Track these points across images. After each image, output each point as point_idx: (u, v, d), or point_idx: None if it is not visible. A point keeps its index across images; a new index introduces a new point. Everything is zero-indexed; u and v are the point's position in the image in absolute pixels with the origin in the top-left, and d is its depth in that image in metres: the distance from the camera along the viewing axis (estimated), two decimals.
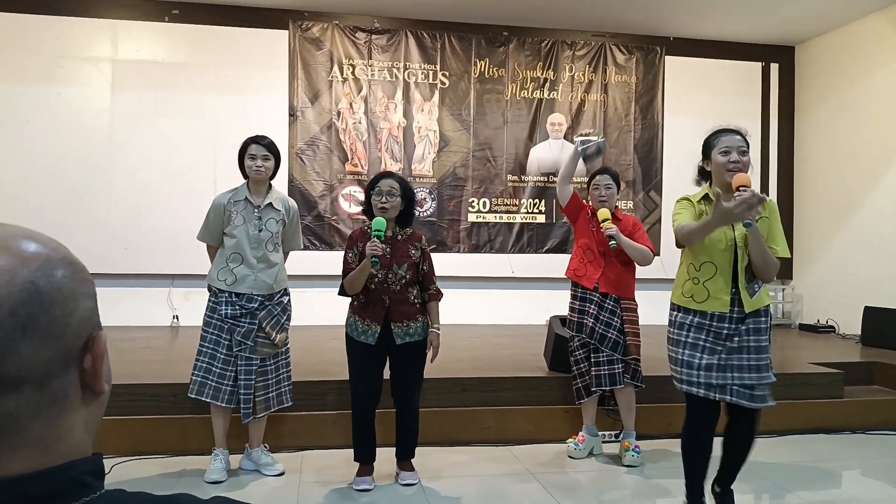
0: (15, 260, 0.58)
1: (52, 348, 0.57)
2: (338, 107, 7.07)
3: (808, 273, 7.83)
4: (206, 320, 3.47)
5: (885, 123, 6.71)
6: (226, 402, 3.42)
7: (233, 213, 3.46)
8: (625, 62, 7.60)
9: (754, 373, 2.75)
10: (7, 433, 0.55)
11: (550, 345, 4.58)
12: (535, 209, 7.45)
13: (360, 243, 3.33)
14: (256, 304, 3.45)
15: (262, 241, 3.47)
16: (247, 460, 3.63)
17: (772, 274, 2.73)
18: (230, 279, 3.43)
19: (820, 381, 4.80)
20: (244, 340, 3.42)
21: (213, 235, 3.52)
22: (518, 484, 3.54)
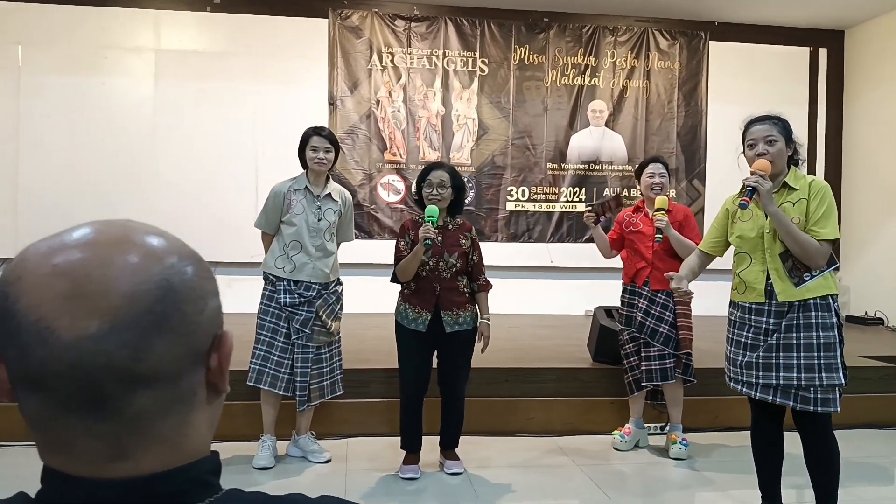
0: (147, 257, 0.57)
1: (183, 346, 0.57)
2: (377, 95, 7.06)
3: (856, 263, 7.62)
4: (263, 309, 3.50)
5: None
6: (283, 390, 3.46)
7: (293, 202, 3.49)
8: (668, 48, 7.45)
9: (804, 372, 2.56)
10: (139, 430, 0.55)
11: (595, 336, 4.53)
12: (574, 198, 7.37)
13: (413, 231, 3.35)
14: (314, 293, 3.48)
15: (320, 230, 3.51)
16: (294, 447, 3.67)
17: (815, 259, 2.55)
18: (289, 267, 3.47)
19: (872, 375, 4.68)
20: (302, 329, 3.45)
21: (271, 223, 3.54)
22: (563, 475, 3.52)
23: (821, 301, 2.58)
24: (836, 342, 2.58)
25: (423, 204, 3.37)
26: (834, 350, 2.57)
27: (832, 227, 2.58)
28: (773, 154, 2.63)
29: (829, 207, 2.60)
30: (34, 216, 6.44)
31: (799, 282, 2.58)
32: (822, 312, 2.57)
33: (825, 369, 2.55)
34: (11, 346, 0.53)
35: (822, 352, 2.56)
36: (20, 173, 6.63)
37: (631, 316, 3.81)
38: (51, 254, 0.55)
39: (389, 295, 6.97)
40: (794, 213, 2.60)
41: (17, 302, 0.53)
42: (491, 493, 3.22)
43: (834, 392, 2.57)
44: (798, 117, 7.73)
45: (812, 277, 2.57)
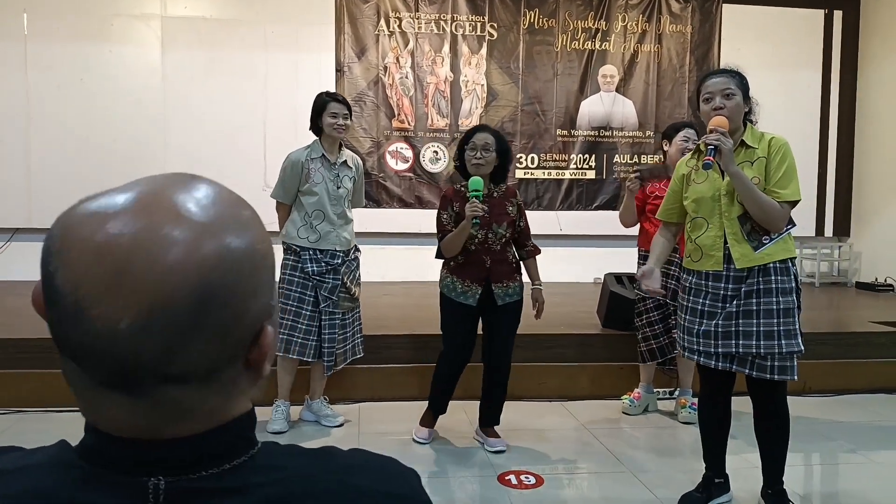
0: (191, 236, 0.52)
1: (220, 345, 0.54)
2: (384, 61, 6.99)
3: (868, 230, 7.58)
4: (288, 279, 3.46)
5: None
6: (312, 357, 3.49)
7: (311, 170, 3.44)
8: (680, 11, 7.32)
9: (763, 340, 2.46)
10: (172, 414, 0.55)
11: (605, 302, 4.54)
12: (584, 165, 7.32)
13: (456, 203, 3.20)
14: (339, 260, 3.49)
15: (340, 197, 3.50)
16: (307, 411, 3.72)
17: (776, 222, 2.44)
18: (313, 236, 3.45)
19: (882, 340, 4.69)
20: (330, 296, 3.46)
21: (290, 193, 3.49)
22: (574, 439, 3.56)
23: (780, 265, 2.48)
24: (795, 307, 2.49)
25: (464, 170, 3.23)
26: (793, 316, 2.47)
27: (794, 187, 2.46)
28: (730, 108, 2.47)
29: (791, 167, 2.47)
30: (47, 187, 6.47)
31: (758, 245, 2.46)
32: (782, 276, 2.47)
33: (785, 336, 2.46)
34: (53, 309, 0.53)
35: (781, 318, 2.46)
36: (32, 144, 6.64)
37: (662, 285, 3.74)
38: (93, 226, 0.52)
39: (399, 263, 6.99)
40: (753, 173, 2.47)
41: (57, 273, 0.52)
42: (503, 457, 3.26)
43: (792, 360, 2.48)
44: (812, 81, 7.64)
45: (771, 240, 2.46)
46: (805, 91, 7.61)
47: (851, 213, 7.79)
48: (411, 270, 6.67)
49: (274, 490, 0.57)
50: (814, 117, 7.67)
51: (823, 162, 7.71)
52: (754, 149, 2.52)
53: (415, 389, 3.88)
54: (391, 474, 0.64)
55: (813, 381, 4.41)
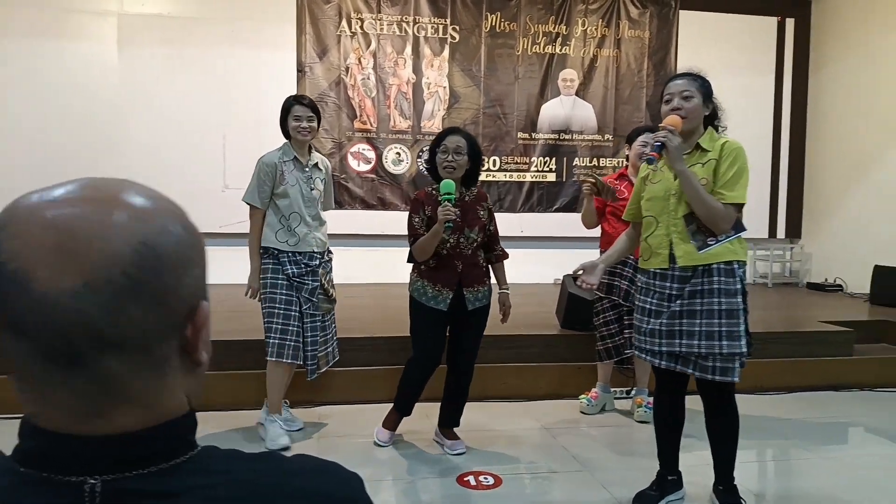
0: (135, 218, 0.56)
1: (157, 314, 0.56)
2: (346, 62, 6.97)
3: (818, 231, 7.82)
4: (272, 282, 3.38)
5: None
6: (301, 360, 3.43)
7: (285, 172, 3.39)
8: (638, 17, 7.45)
9: (704, 340, 2.48)
10: (112, 390, 0.56)
11: (563, 303, 4.60)
12: (545, 167, 7.40)
13: (429, 206, 3.18)
14: (317, 262, 3.45)
15: (314, 199, 3.46)
16: (263, 414, 3.68)
17: (720, 223, 2.46)
18: (293, 239, 3.39)
19: (831, 339, 4.84)
20: (310, 298, 3.42)
21: (265, 196, 3.40)
22: (534, 439, 3.60)
23: (725, 266, 2.49)
24: (741, 309, 2.49)
25: (435, 173, 3.21)
26: (737, 318, 2.47)
27: (740, 190, 2.47)
28: (687, 109, 2.51)
29: (740, 170, 2.48)
30: (4, 180, 6.27)
31: (702, 246, 2.48)
32: (726, 278, 2.48)
33: (727, 337, 2.46)
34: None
35: (724, 318, 2.47)
36: None
37: (613, 284, 3.83)
38: (40, 206, 0.55)
39: (362, 264, 6.95)
40: (702, 174, 2.50)
41: (1, 247, 0.53)
42: (463, 458, 3.28)
43: (734, 361, 2.49)
44: (765, 87, 7.85)
45: (717, 242, 2.48)
46: (759, 96, 7.81)
47: (803, 215, 8.03)
48: (374, 272, 6.66)
49: (213, 493, 0.57)
50: (767, 121, 7.89)
51: (776, 165, 7.93)
52: (708, 151, 2.55)
53: (381, 392, 3.86)
54: (333, 478, 0.64)
55: (766, 380, 4.53)
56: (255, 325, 3.50)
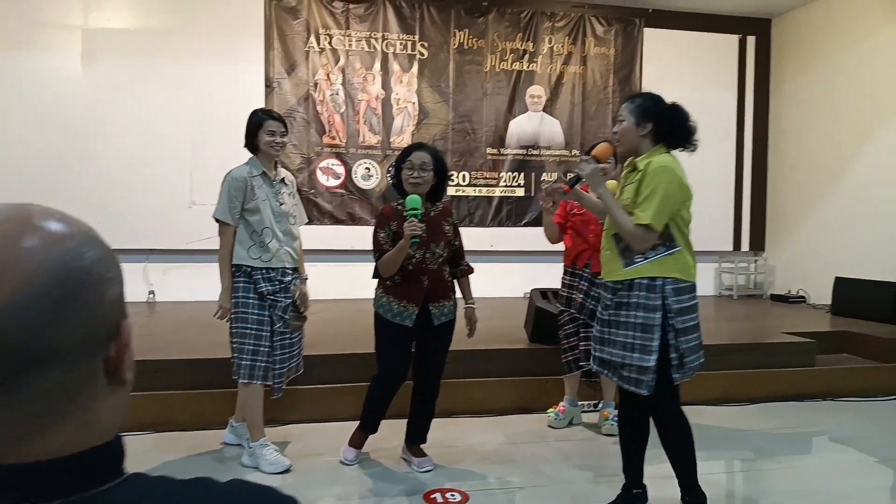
0: (47, 240, 0.57)
1: (80, 332, 0.56)
2: (315, 78, 6.97)
3: (781, 244, 7.98)
4: (243, 300, 3.29)
5: (863, 97, 6.80)
6: (270, 381, 3.34)
7: (255, 187, 3.32)
8: (604, 34, 7.58)
9: (620, 349, 2.57)
10: (36, 412, 0.55)
11: (531, 317, 4.63)
12: (514, 182, 7.46)
13: (394, 222, 3.15)
14: (289, 278, 3.39)
15: (284, 213, 3.40)
16: (230, 434, 3.64)
17: (632, 242, 2.52)
18: (266, 255, 3.31)
19: (793, 350, 4.93)
20: (283, 315, 3.35)
21: (235, 212, 3.32)
22: (502, 454, 3.60)
23: (647, 282, 2.52)
24: (658, 325, 2.50)
25: (401, 188, 3.20)
26: (652, 332, 2.50)
27: (650, 211, 2.47)
28: (619, 133, 2.63)
29: (655, 192, 2.48)
30: None
31: (629, 263, 2.54)
32: (647, 293, 2.52)
33: (639, 350, 2.51)
34: None
35: (639, 332, 2.51)
36: None
37: (571, 297, 3.88)
38: None
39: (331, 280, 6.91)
40: (628, 195, 2.58)
41: None
42: (431, 475, 3.26)
43: (646, 374, 2.51)
44: (728, 102, 8.03)
45: (645, 259, 2.53)
46: (722, 112, 7.98)
47: (766, 228, 8.19)
48: (343, 288, 6.62)
49: None
50: (730, 137, 8.05)
51: (739, 180, 8.10)
52: (639, 171, 2.59)
53: (347, 410, 3.81)
54: (268, 501, 0.63)
55: (732, 391, 4.60)
56: (224, 341, 3.44)
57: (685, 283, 2.55)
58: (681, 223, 2.58)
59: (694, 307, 2.59)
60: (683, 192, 2.56)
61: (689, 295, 2.57)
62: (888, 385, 4.90)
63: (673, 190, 2.50)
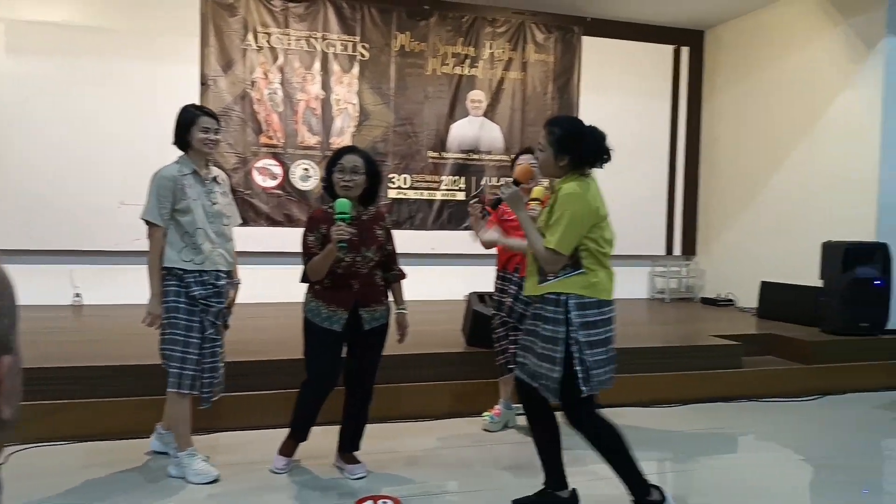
0: None
1: None
2: (252, 76, 6.83)
3: (711, 249, 8.24)
4: (173, 305, 3.14)
5: (789, 109, 7.08)
6: (199, 390, 3.21)
7: (185, 186, 3.19)
8: (543, 41, 7.68)
9: (532, 357, 2.73)
10: None
11: (469, 321, 4.64)
12: (455, 186, 7.48)
13: (324, 225, 3.09)
14: (223, 282, 3.27)
15: (217, 214, 3.28)
16: (157, 442, 3.52)
17: (542, 263, 2.69)
18: (198, 258, 3.18)
19: (721, 352, 5.09)
20: (216, 321, 3.23)
21: (166, 213, 3.18)
22: (437, 459, 3.59)
23: (554, 297, 2.67)
24: (563, 339, 2.63)
25: (332, 191, 3.15)
26: (555, 344, 2.64)
27: (557, 236, 2.61)
28: (538, 161, 2.84)
29: (562, 218, 2.62)
30: None
31: (543, 280, 2.71)
32: (554, 307, 2.66)
33: (545, 360, 2.67)
34: None
35: (548, 343, 2.66)
36: None
37: (502, 301, 3.92)
38: None
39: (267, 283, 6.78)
40: (543, 218, 2.76)
41: None
42: (364, 482, 3.22)
43: (554, 384, 2.65)
44: (662, 111, 8.25)
45: (556, 278, 2.68)
46: (656, 120, 8.20)
47: (697, 233, 8.45)
48: (280, 291, 6.46)
49: None
50: (664, 145, 8.28)
51: (672, 186, 8.33)
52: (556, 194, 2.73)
53: (277, 417, 3.73)
54: None
55: (662, 392, 4.72)
56: (153, 348, 3.32)
57: (590, 300, 2.66)
58: (593, 246, 2.68)
59: (602, 322, 2.68)
60: (593, 216, 2.67)
61: (597, 311, 2.67)
62: (811, 386, 5.12)
63: (580, 215, 2.63)
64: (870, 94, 6.18)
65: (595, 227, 2.68)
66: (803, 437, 4.18)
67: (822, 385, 5.14)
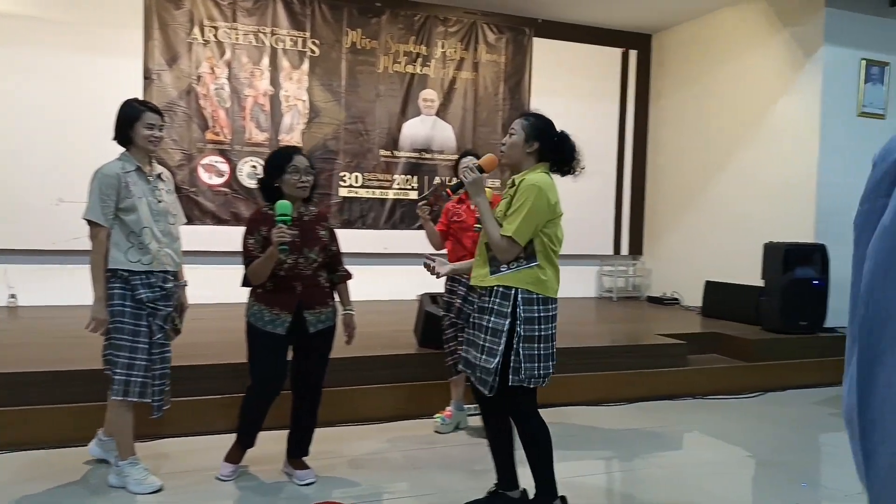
0: None
1: None
2: (198, 71, 6.65)
3: (657, 249, 8.42)
4: (119, 309, 3.00)
5: (732, 114, 7.28)
6: (149, 398, 3.08)
7: (129, 184, 3.05)
8: (495, 41, 7.71)
9: (474, 349, 2.73)
10: None
11: (421, 322, 4.62)
12: (407, 185, 7.44)
13: (264, 227, 3.03)
14: (171, 284, 3.15)
15: (163, 212, 3.15)
16: (97, 447, 3.39)
17: (497, 252, 2.68)
18: (146, 258, 3.05)
19: (667, 351, 5.20)
20: (164, 325, 3.10)
21: (109, 212, 3.03)
22: (388, 462, 3.56)
23: (503, 290, 2.66)
24: (505, 331, 2.64)
25: (270, 192, 3.08)
26: (499, 337, 2.64)
27: (517, 226, 2.61)
28: (507, 145, 2.78)
29: (523, 207, 2.62)
30: None
31: (495, 271, 2.69)
32: (501, 300, 2.66)
33: (486, 352, 2.67)
34: None
35: (489, 335, 2.67)
36: None
37: (451, 303, 3.91)
38: None
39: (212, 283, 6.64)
40: (502, 208, 2.73)
41: None
42: (313, 489, 3.16)
43: (490, 375, 2.65)
44: (610, 114, 8.37)
45: (509, 269, 2.67)
46: (605, 122, 8.33)
47: (644, 233, 8.62)
48: (225, 292, 6.31)
49: None
50: (612, 146, 8.41)
51: (619, 187, 8.48)
52: (516, 186, 2.72)
53: (224, 423, 3.64)
54: None
55: (610, 391, 4.79)
56: (94, 351, 3.19)
57: (537, 296, 2.68)
58: (548, 241, 2.70)
59: (544, 319, 2.69)
60: (551, 210, 2.68)
61: (541, 307, 2.68)
62: (753, 383, 5.27)
63: (540, 208, 2.64)
64: (808, 100, 6.40)
65: (551, 222, 2.70)
66: (745, 433, 4.29)
67: (763, 382, 5.31)
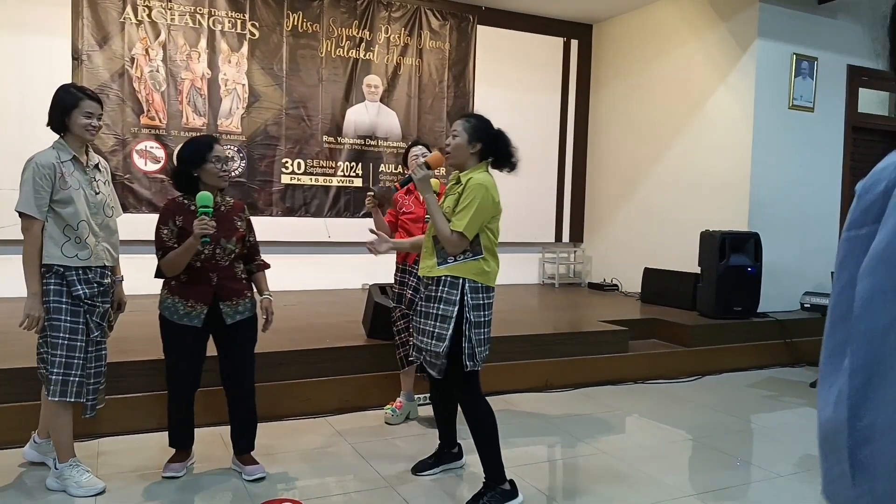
0: None
1: None
2: (132, 52, 6.37)
3: (597, 237, 8.60)
4: (55, 306, 2.89)
5: (669, 105, 7.46)
6: (84, 397, 2.96)
7: (65, 174, 2.90)
8: (439, 28, 7.66)
9: (422, 336, 2.94)
10: None
11: (370, 313, 4.59)
12: (352, 172, 7.35)
13: (179, 217, 2.99)
14: (108, 280, 3.02)
15: (100, 204, 3.02)
16: (32, 451, 3.25)
17: (446, 245, 2.86)
18: (83, 253, 2.91)
19: (609, 338, 5.32)
20: (101, 322, 2.99)
21: (43, 204, 2.88)
22: (338, 455, 3.53)
23: (451, 279, 2.86)
24: (453, 318, 2.83)
25: (184, 182, 3.04)
26: (447, 323, 2.84)
27: (465, 221, 2.80)
28: (451, 146, 2.94)
29: (471, 204, 2.80)
30: None
31: (443, 262, 2.89)
32: (449, 289, 2.86)
33: (435, 338, 2.87)
34: None
35: (437, 321, 2.87)
36: None
37: (402, 294, 3.90)
38: None
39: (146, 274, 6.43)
40: (449, 204, 2.90)
41: None
42: (263, 485, 3.12)
43: (439, 360, 2.89)
44: (552, 103, 8.46)
45: (455, 261, 2.87)
46: (547, 111, 8.41)
47: (584, 221, 8.78)
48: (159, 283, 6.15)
49: None
50: (554, 136, 8.51)
51: (561, 176, 8.59)
52: (461, 184, 2.90)
53: (163, 419, 3.54)
54: None
55: (553, 378, 4.88)
56: (25, 350, 3.04)
57: (481, 285, 2.89)
58: (490, 235, 2.91)
59: (487, 306, 2.92)
60: (495, 207, 2.89)
61: (485, 295, 2.91)
62: (691, 368, 5.47)
63: (486, 205, 2.84)
64: (742, 93, 6.62)
65: (494, 218, 2.92)
66: (684, 416, 4.45)
67: (700, 366, 5.51)
